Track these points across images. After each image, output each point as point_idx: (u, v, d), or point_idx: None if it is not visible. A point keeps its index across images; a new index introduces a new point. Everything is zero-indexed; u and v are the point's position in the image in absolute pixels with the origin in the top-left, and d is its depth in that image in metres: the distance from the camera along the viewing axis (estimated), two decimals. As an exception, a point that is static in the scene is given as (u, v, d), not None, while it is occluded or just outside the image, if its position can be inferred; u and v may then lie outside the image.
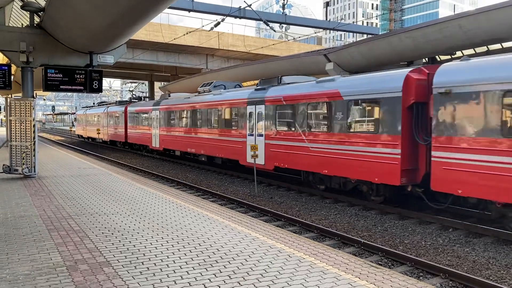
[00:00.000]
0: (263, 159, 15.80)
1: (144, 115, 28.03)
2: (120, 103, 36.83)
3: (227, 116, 18.40)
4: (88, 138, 44.43)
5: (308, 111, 13.68)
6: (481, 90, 8.83)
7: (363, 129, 11.77)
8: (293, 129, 14.40)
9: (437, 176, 9.68)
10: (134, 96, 40.64)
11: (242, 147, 17.13)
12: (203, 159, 21.26)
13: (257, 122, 16.25)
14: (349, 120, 12.13)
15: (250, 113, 16.70)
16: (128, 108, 31.47)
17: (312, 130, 13.55)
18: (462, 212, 10.84)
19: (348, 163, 12.09)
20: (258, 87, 16.92)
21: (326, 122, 12.99)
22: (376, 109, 11.30)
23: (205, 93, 21.30)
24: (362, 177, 11.68)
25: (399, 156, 10.55)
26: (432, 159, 9.82)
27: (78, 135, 49.77)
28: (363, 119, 11.82)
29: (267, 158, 15.59)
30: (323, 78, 14.01)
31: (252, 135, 16.59)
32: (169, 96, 25.96)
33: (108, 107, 37.60)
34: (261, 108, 15.99)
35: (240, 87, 20.85)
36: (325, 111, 13.01)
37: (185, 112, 22.36)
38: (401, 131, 10.57)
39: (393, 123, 10.80)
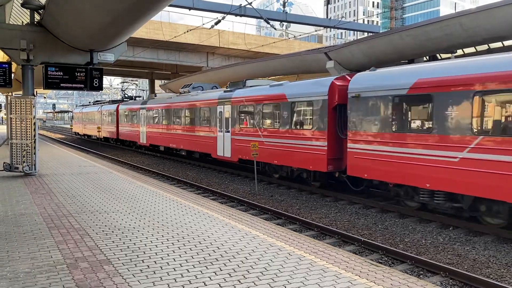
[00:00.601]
0: (229, 152, 18.07)
1: (133, 113, 30.13)
2: (113, 102, 38.92)
3: (201, 115, 20.57)
4: (84, 135, 46.42)
5: (263, 111, 16.04)
6: (378, 95, 11.30)
7: (301, 125, 14.23)
8: (252, 126, 16.71)
9: (351, 164, 12.18)
10: (125, 95, 42.57)
11: (214, 142, 19.30)
12: (183, 153, 23.61)
13: (225, 120, 18.39)
14: (291, 118, 14.57)
15: (220, 112, 18.83)
16: (119, 107, 33.43)
17: (266, 126, 15.93)
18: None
19: (291, 154, 14.56)
20: (227, 89, 19.23)
21: (275, 120, 15.44)
22: (310, 109, 13.75)
23: (185, 94, 23.44)
24: (301, 165, 14.17)
25: (326, 148, 13.08)
26: (348, 150, 12.26)
27: (75, 132, 51.95)
28: (301, 117, 14.27)
29: (233, 152, 17.75)
30: (276, 82, 16.62)
31: (221, 131, 18.70)
32: (155, 96, 27.89)
33: (102, 106, 39.62)
34: (228, 108, 18.20)
35: (217, 88, 22.65)
36: (275, 111, 15.43)
37: (167, 111, 24.46)
38: (327, 127, 13.07)
39: (321, 121, 13.27)
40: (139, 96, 38.24)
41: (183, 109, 22.51)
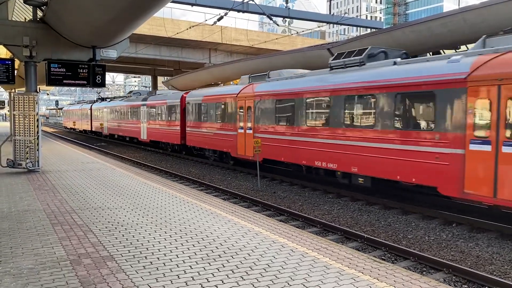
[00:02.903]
0: (145, 136, 29.15)
1: (100, 111, 40.70)
2: (90, 102, 49.57)
3: (134, 113, 31.49)
4: (70, 128, 57.46)
5: (159, 110, 26.75)
6: (193, 102, 21.90)
7: (171, 119, 24.86)
8: (155, 119, 27.33)
9: (187, 139, 22.70)
10: (100, 97, 51.99)
11: (139, 130, 30.34)
12: (127, 139, 34.33)
13: (143, 116, 29.29)
14: (169, 115, 25.17)
15: (141, 111, 29.84)
16: (92, 106, 43.75)
17: (160, 119, 26.50)
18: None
19: (169, 136, 25.24)
20: (146, 96, 30.44)
21: (164, 116, 25.89)
22: (174, 110, 24.48)
23: (128, 98, 34.52)
24: (172, 141, 24.84)
25: (179, 130, 23.82)
26: (186, 131, 22.89)
27: (64, 126, 63.95)
28: (171, 114, 24.79)
29: (147, 136, 28.74)
30: (167, 91, 30.30)
31: (142, 123, 29.64)
32: (114, 98, 39.88)
33: (82, 105, 50.36)
34: (145, 108, 29.09)
35: (158, 93, 31.85)
36: (163, 110, 26.04)
37: (117, 110, 35.43)
38: (180, 120, 23.76)
39: (177, 116, 24.01)
40: (108, 98, 46.46)
41: (126, 108, 33.19)
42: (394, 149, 10.72)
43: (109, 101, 38.78)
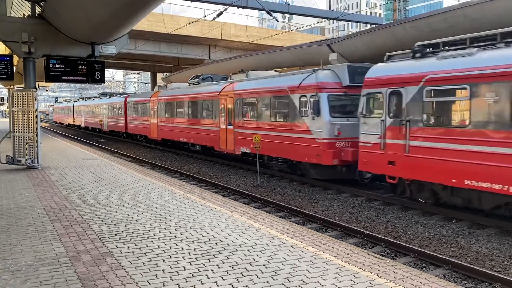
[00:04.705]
0: (106, 127, 36.69)
1: (79, 108, 49.09)
2: (73, 101, 58.76)
3: (99, 109, 39.41)
4: (59, 123, 66.82)
5: (113, 108, 34.71)
6: (132, 103, 30.77)
7: (119, 114, 33.21)
8: (111, 115, 35.27)
9: (129, 128, 31.45)
10: (81, 96, 60.65)
11: (103, 123, 38.13)
12: (97, 130, 41.75)
13: (105, 112, 36.83)
14: (117, 112, 33.43)
15: (103, 108, 37.38)
16: (74, 104, 52.57)
17: (114, 115, 34.45)
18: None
19: (118, 126, 33.64)
20: (109, 97, 38.21)
21: (113, 113, 34.38)
22: (120, 107, 32.78)
23: (96, 98, 44.35)
24: (120, 130, 33.36)
25: (124, 122, 32.14)
26: (128, 123, 31.59)
27: (54, 121, 73.03)
28: (118, 111, 33.46)
29: (108, 127, 36.47)
30: (123, 93, 40.57)
31: (104, 118, 37.19)
32: (89, 98, 49.34)
33: (67, 103, 60.25)
34: (106, 106, 36.52)
35: (115, 95, 39.58)
36: (115, 108, 33.91)
37: (90, 108, 43.45)
38: (124, 115, 32.11)
39: (122, 112, 32.51)
40: (86, 97, 55.52)
41: (94, 106, 41.36)
42: (202, 128, 20.37)
43: (86, 100, 48.16)
